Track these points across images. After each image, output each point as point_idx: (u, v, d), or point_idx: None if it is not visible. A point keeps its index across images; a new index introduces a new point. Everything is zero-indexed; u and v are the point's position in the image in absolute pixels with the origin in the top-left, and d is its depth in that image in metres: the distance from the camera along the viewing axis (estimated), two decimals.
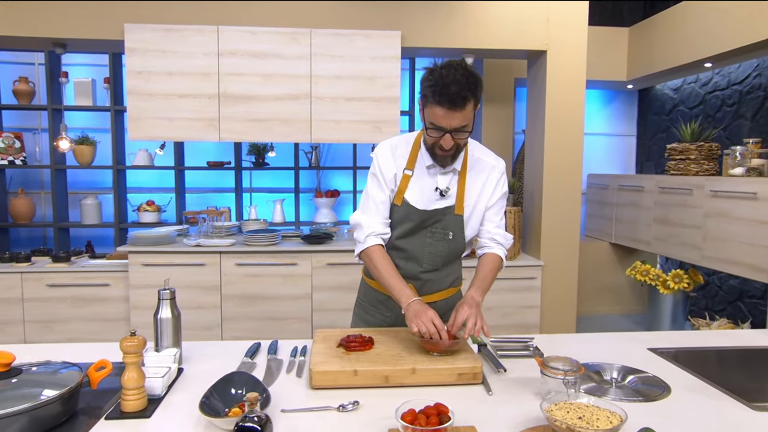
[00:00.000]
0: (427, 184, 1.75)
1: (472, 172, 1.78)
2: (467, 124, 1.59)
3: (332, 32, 3.51)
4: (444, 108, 1.53)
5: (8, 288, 3.49)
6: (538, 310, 3.84)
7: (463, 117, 1.56)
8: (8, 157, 4.39)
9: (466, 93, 1.52)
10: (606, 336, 1.88)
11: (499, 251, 1.81)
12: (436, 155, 1.68)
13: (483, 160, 1.80)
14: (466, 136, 1.62)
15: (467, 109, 1.55)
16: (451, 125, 1.56)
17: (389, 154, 1.77)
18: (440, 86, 1.51)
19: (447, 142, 1.60)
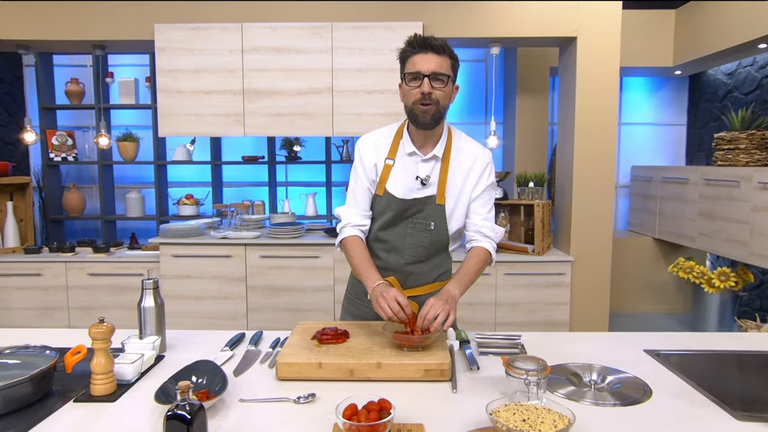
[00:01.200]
0: (408, 173, 1.72)
1: (455, 162, 1.73)
2: (444, 72, 1.60)
3: (353, 25, 3.50)
4: (422, 53, 1.59)
5: (54, 276, 3.72)
6: (567, 307, 3.69)
7: (440, 63, 1.59)
8: (62, 154, 4.67)
9: (443, 44, 1.60)
10: (603, 336, 1.78)
11: (486, 244, 1.74)
12: (417, 116, 1.63)
13: (467, 149, 1.75)
14: (442, 85, 1.60)
15: (444, 58, 1.60)
16: (429, 69, 1.58)
17: (371, 144, 1.77)
18: (417, 38, 1.61)
19: (425, 86, 1.58)
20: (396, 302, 1.48)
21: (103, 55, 3.92)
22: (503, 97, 5.03)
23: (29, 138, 3.97)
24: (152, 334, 1.59)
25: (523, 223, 3.93)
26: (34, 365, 1.32)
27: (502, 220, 3.98)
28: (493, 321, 3.71)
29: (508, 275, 3.67)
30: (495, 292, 3.68)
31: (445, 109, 1.67)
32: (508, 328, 3.71)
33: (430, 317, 1.46)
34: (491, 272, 3.65)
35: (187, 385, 1.02)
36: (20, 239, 4.01)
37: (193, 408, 1.02)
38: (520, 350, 1.63)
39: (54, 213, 4.73)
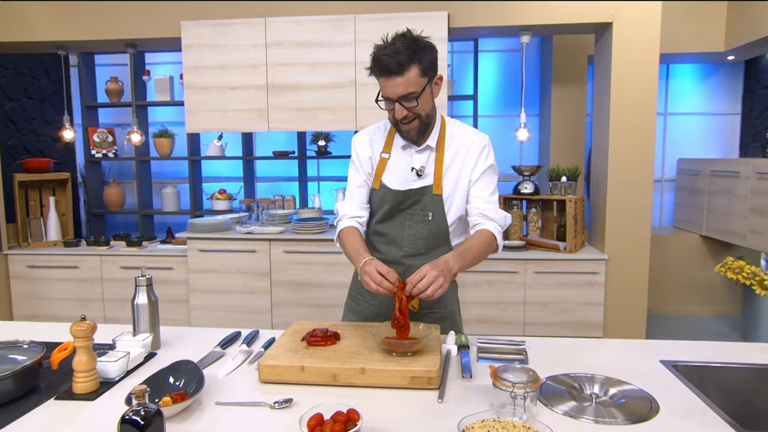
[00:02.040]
0: (404, 165, 1.67)
1: (450, 150, 1.66)
2: (414, 91, 1.49)
3: (376, 17, 3.42)
4: (384, 77, 1.49)
5: (90, 269, 3.84)
6: (600, 307, 3.50)
7: (405, 83, 1.48)
8: (102, 151, 4.82)
9: (404, 59, 1.45)
10: (617, 343, 1.64)
11: (490, 227, 1.63)
12: (401, 130, 1.61)
13: (462, 136, 1.68)
14: (415, 104, 1.51)
15: (409, 75, 1.47)
16: (395, 93, 1.49)
17: (366, 139, 1.74)
18: (377, 56, 1.48)
19: (398, 112, 1.52)
20: (377, 273, 1.42)
21: (134, 53, 4.00)
22: (539, 89, 4.83)
23: (68, 135, 4.10)
24: (145, 331, 1.57)
25: (555, 219, 3.76)
26: (20, 361, 1.33)
27: (533, 215, 3.82)
28: (522, 321, 3.57)
29: (538, 273, 3.51)
30: (524, 291, 3.54)
31: (429, 116, 1.60)
32: (537, 329, 3.56)
33: (421, 286, 1.36)
34: (520, 270, 3.51)
35: (142, 390, 0.98)
36: (62, 233, 4.17)
37: (149, 413, 0.98)
38: (524, 357, 1.52)
39: (95, 207, 4.89)
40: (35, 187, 4.13)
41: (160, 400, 1.20)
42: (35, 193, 4.14)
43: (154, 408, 1.00)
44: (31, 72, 4.87)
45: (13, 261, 3.89)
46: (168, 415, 1.16)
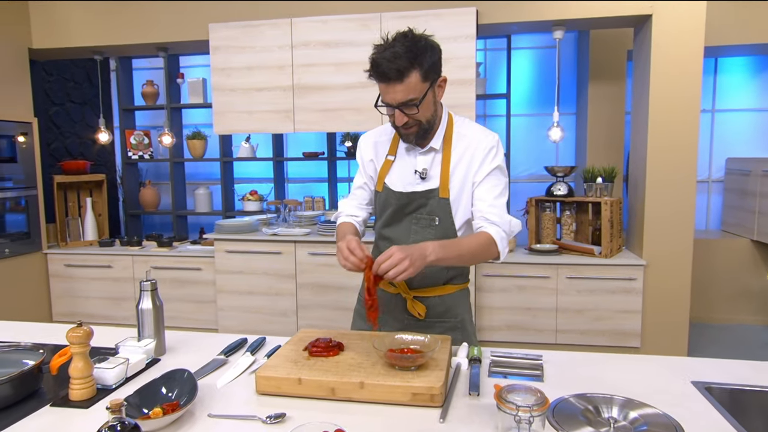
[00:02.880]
0: (408, 167, 1.61)
1: (456, 151, 1.58)
2: (414, 98, 1.42)
3: (402, 14, 3.34)
4: (383, 83, 1.42)
5: (123, 268, 3.91)
6: (638, 316, 3.32)
7: (405, 89, 1.40)
8: (139, 152, 4.93)
9: (403, 63, 1.37)
10: (647, 360, 1.50)
11: (492, 230, 1.52)
12: (402, 137, 1.57)
13: (469, 136, 1.59)
14: (415, 111, 1.44)
15: (409, 82, 1.40)
16: (395, 99, 1.43)
17: (371, 140, 1.71)
18: (376, 62, 1.41)
19: (398, 119, 1.47)
20: (346, 248, 1.38)
21: (166, 56, 4.06)
22: (576, 86, 4.64)
23: (103, 138, 4.20)
24: (150, 337, 1.55)
25: (591, 222, 3.59)
26: (21, 365, 1.32)
27: (567, 218, 3.66)
28: (554, 328, 3.41)
29: (570, 279, 3.36)
30: (556, 297, 3.39)
31: (430, 122, 1.53)
32: (570, 337, 3.40)
33: (384, 267, 1.30)
34: (552, 275, 3.36)
35: (117, 404, 0.94)
36: (98, 233, 4.27)
37: (125, 428, 0.94)
38: (540, 373, 1.41)
39: (132, 208, 5.00)
40: (73, 189, 4.25)
41: (150, 411, 1.16)
42: (73, 194, 4.25)
43: (132, 423, 0.96)
44: (73, 77, 5.03)
45: (52, 260, 4.01)
46: (157, 427, 1.12)
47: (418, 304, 1.62)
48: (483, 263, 3.45)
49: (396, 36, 1.42)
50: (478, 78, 4.32)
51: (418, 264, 1.32)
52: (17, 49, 3.83)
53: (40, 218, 3.98)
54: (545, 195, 3.64)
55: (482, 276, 3.46)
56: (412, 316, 1.64)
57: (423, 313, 1.62)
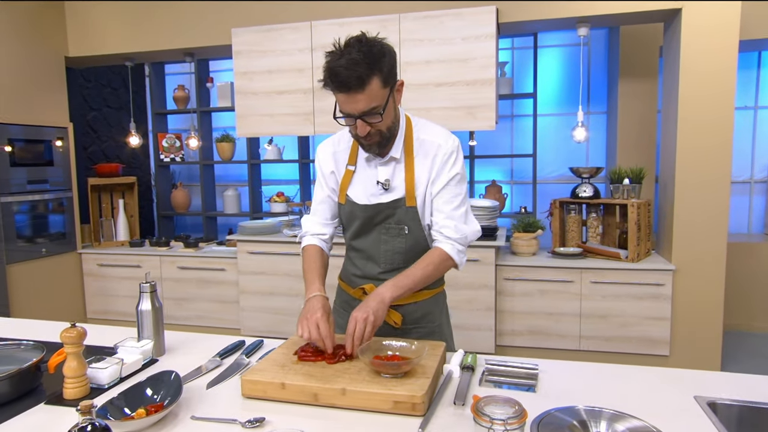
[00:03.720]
0: (370, 178, 1.57)
1: (418, 157, 1.53)
2: (376, 105, 1.36)
3: (421, 15, 3.31)
4: (342, 93, 1.34)
5: (151, 268, 4.02)
6: (667, 323, 3.18)
7: (367, 98, 1.34)
8: (171, 155, 5.06)
9: (363, 71, 1.30)
10: (648, 372, 1.43)
11: (446, 246, 1.51)
12: (363, 147, 1.51)
13: (429, 141, 1.53)
14: (378, 119, 1.39)
15: (370, 89, 1.33)
16: (357, 109, 1.36)
17: (329, 151, 1.65)
18: (332, 71, 1.33)
19: (361, 129, 1.40)
20: (317, 328, 1.34)
21: (195, 61, 4.15)
22: (607, 84, 4.49)
23: (133, 141, 4.33)
24: (149, 338, 1.58)
25: (618, 225, 3.46)
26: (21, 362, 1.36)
27: (592, 221, 3.54)
28: (577, 333, 3.31)
29: (595, 284, 3.25)
30: (580, 302, 3.29)
31: (391, 129, 1.48)
32: (594, 343, 3.29)
33: (357, 336, 1.33)
34: (575, 279, 3.26)
35: (87, 406, 0.96)
36: (129, 233, 4.41)
37: (95, 429, 0.95)
38: (533, 383, 1.36)
39: (164, 209, 5.14)
40: (107, 191, 4.40)
41: (134, 412, 1.18)
42: (107, 196, 4.41)
43: (102, 424, 0.97)
44: (110, 83, 5.22)
45: (86, 259, 4.16)
46: (138, 428, 1.14)
47: (394, 313, 1.58)
48: (502, 266, 3.38)
49: (349, 41, 1.34)
50: (504, 77, 4.25)
51: (380, 309, 1.37)
52: (55, 57, 4.00)
53: (75, 219, 4.14)
54: (570, 197, 3.54)
55: (503, 280, 3.39)
56: (389, 325, 1.59)
57: (399, 321, 1.59)
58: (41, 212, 3.89)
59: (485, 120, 3.29)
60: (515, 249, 3.54)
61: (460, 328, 3.35)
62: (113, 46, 3.99)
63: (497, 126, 4.54)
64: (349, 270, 1.70)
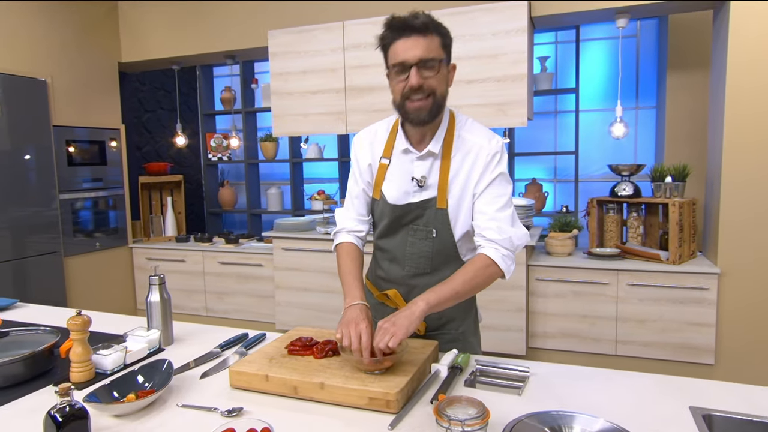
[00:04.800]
0: (404, 173, 1.50)
1: (457, 156, 1.47)
2: (434, 57, 1.35)
3: (451, 12, 3.27)
4: (404, 37, 1.34)
5: (194, 263, 4.21)
6: (712, 329, 2.99)
7: (427, 45, 1.33)
8: (218, 154, 5.27)
9: (426, 21, 1.35)
10: (645, 378, 1.35)
11: (490, 251, 1.42)
12: (409, 114, 1.40)
13: (470, 140, 1.47)
14: (434, 74, 1.35)
15: (431, 38, 1.35)
16: (415, 56, 1.33)
17: (366, 142, 1.59)
18: (395, 17, 1.37)
19: (414, 78, 1.34)
20: (359, 338, 1.28)
21: (240, 63, 4.30)
22: (656, 77, 4.27)
23: (180, 141, 4.53)
24: (157, 328, 1.66)
25: (660, 225, 3.30)
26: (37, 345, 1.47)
27: (633, 221, 3.39)
28: (614, 338, 3.18)
29: (632, 286, 3.11)
30: (616, 305, 3.15)
31: (443, 98, 1.42)
32: (632, 348, 3.15)
33: (381, 346, 1.25)
34: (612, 282, 3.13)
35: (65, 388, 1.02)
36: (177, 229, 4.63)
37: (72, 411, 1.02)
38: (521, 385, 1.33)
39: (211, 207, 5.36)
40: (156, 188, 4.64)
41: (125, 397, 1.25)
42: (156, 194, 4.64)
43: (80, 405, 1.04)
44: (164, 86, 5.48)
45: (136, 253, 4.40)
46: (125, 411, 1.20)
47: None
48: (535, 267, 3.29)
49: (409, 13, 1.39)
50: (544, 72, 4.14)
51: (404, 322, 1.26)
52: (109, 63, 4.25)
53: (127, 215, 4.39)
54: (609, 195, 3.40)
55: (536, 280, 3.31)
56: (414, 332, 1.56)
57: (423, 329, 1.56)
58: (96, 209, 4.15)
59: (517, 117, 3.21)
60: (550, 249, 3.43)
61: (490, 328, 3.30)
62: (160, 51, 4.19)
63: (539, 123, 4.43)
64: (375, 271, 1.65)
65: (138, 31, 4.24)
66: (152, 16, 4.18)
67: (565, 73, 4.50)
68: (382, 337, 1.25)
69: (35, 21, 3.68)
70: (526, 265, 3.26)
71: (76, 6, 3.96)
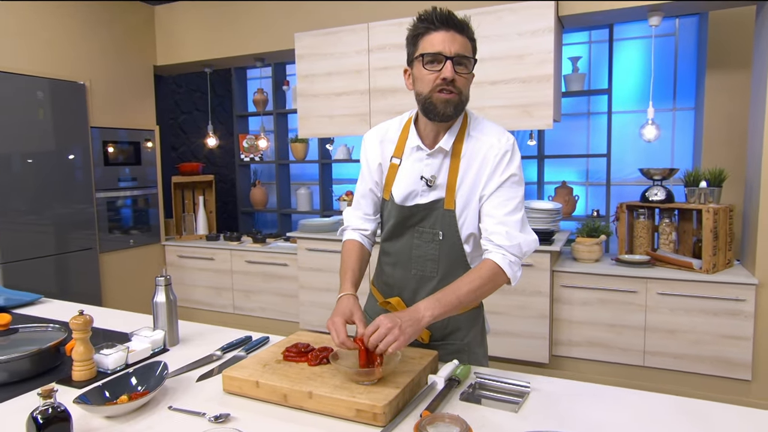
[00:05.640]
0: (414, 173, 1.46)
1: (467, 156, 1.41)
2: (468, 56, 1.35)
3: (477, 11, 3.18)
4: (442, 30, 1.33)
5: (223, 261, 4.26)
6: (749, 343, 2.81)
7: (464, 43, 1.34)
8: (250, 155, 5.32)
9: (466, 21, 1.37)
10: (653, 399, 1.26)
11: (496, 257, 1.36)
12: (436, 106, 1.35)
13: (480, 139, 1.42)
14: (466, 72, 1.35)
15: (467, 38, 1.36)
16: (453, 50, 1.32)
17: (376, 141, 1.55)
18: (437, 13, 1.34)
19: (448, 71, 1.31)
20: (335, 327, 1.27)
21: (263, 66, 4.33)
22: (696, 77, 4.06)
23: (211, 142, 4.60)
24: (162, 328, 1.66)
25: (694, 232, 3.12)
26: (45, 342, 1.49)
27: (665, 227, 3.22)
28: (641, 348, 3.03)
29: (662, 295, 2.95)
30: (644, 314, 3.00)
31: (467, 99, 1.40)
32: (662, 360, 3.00)
33: (374, 340, 1.21)
34: (640, 290, 2.98)
35: (47, 390, 1.02)
36: (208, 228, 4.70)
37: (54, 413, 1.01)
38: (519, 401, 1.26)
39: (243, 206, 5.42)
40: (189, 188, 4.72)
41: (117, 398, 1.25)
42: (189, 193, 4.73)
43: (62, 407, 1.03)
44: (199, 88, 5.59)
45: (168, 251, 4.49)
46: (116, 413, 1.20)
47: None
48: (560, 273, 3.17)
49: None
50: (576, 73, 3.99)
51: (410, 330, 1.21)
52: (145, 66, 4.36)
53: (160, 214, 4.49)
54: (639, 200, 3.24)
55: (560, 287, 3.18)
56: (416, 341, 1.49)
57: (427, 337, 1.51)
58: (131, 207, 4.25)
59: (542, 119, 3.10)
60: (576, 255, 3.30)
61: (511, 335, 3.20)
62: (193, 54, 4.26)
63: (571, 124, 4.28)
64: (381, 277, 1.63)
65: (172, 35, 4.32)
66: (186, 21, 4.26)
67: (599, 74, 4.34)
68: (387, 340, 1.19)
69: (75, 27, 3.80)
70: (550, 270, 3.15)
71: (115, 11, 4.07)
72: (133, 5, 4.22)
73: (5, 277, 3.41)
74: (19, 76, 3.44)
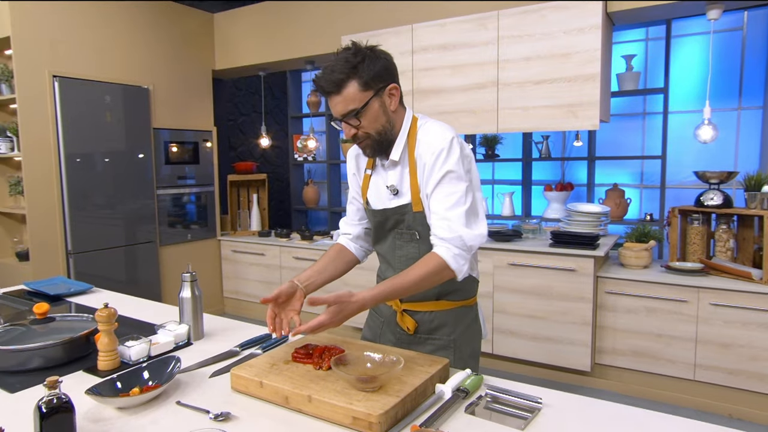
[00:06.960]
0: (381, 182, 1.51)
1: (420, 160, 1.41)
2: (354, 108, 1.35)
3: (520, 11, 3.04)
4: (326, 97, 1.38)
5: (272, 257, 4.33)
6: None
7: (344, 101, 1.34)
8: (303, 155, 5.39)
9: (338, 76, 1.32)
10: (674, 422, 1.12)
11: (441, 250, 1.34)
12: (360, 148, 1.47)
13: (423, 141, 1.41)
14: (358, 122, 1.37)
15: (347, 92, 1.33)
16: (337, 112, 1.38)
17: (352, 155, 1.64)
18: (315, 78, 1.39)
19: (345, 131, 1.40)
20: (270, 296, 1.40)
21: (313, 69, 4.35)
22: (765, 74, 3.71)
23: (264, 143, 4.68)
24: (187, 323, 1.68)
25: (755, 240, 2.84)
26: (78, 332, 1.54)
27: (722, 234, 2.96)
28: (692, 361, 2.79)
29: (715, 306, 2.71)
30: (696, 326, 2.77)
31: (383, 132, 1.40)
32: (713, 374, 2.75)
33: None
34: (692, 300, 2.75)
35: (52, 381, 1.03)
36: (261, 224, 4.79)
37: (58, 403, 1.03)
38: (528, 417, 1.16)
39: (296, 204, 5.50)
40: (244, 186, 4.83)
41: (129, 390, 1.26)
42: (244, 190, 4.84)
43: (68, 401, 1.04)
44: (257, 91, 5.72)
45: (223, 245, 4.62)
46: (125, 404, 1.21)
47: (407, 317, 1.52)
48: (605, 278, 2.98)
49: (340, 50, 1.38)
50: (630, 71, 3.75)
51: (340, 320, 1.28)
52: (204, 70, 4.49)
53: (216, 210, 4.62)
54: (694, 205, 2.99)
55: (605, 293, 2.99)
56: (402, 330, 1.53)
57: (412, 327, 1.51)
58: (188, 203, 4.40)
59: (587, 119, 2.92)
60: (623, 260, 3.09)
61: (552, 341, 3.04)
62: (248, 58, 4.35)
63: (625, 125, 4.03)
64: (380, 275, 1.68)
65: (229, 40, 4.43)
66: (241, 26, 4.35)
67: (655, 72, 4.05)
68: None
69: (140, 34, 3.97)
70: (594, 276, 2.96)
71: (176, 19, 4.22)
72: (194, 12, 4.37)
73: (76, 265, 3.62)
74: (89, 82, 3.63)
